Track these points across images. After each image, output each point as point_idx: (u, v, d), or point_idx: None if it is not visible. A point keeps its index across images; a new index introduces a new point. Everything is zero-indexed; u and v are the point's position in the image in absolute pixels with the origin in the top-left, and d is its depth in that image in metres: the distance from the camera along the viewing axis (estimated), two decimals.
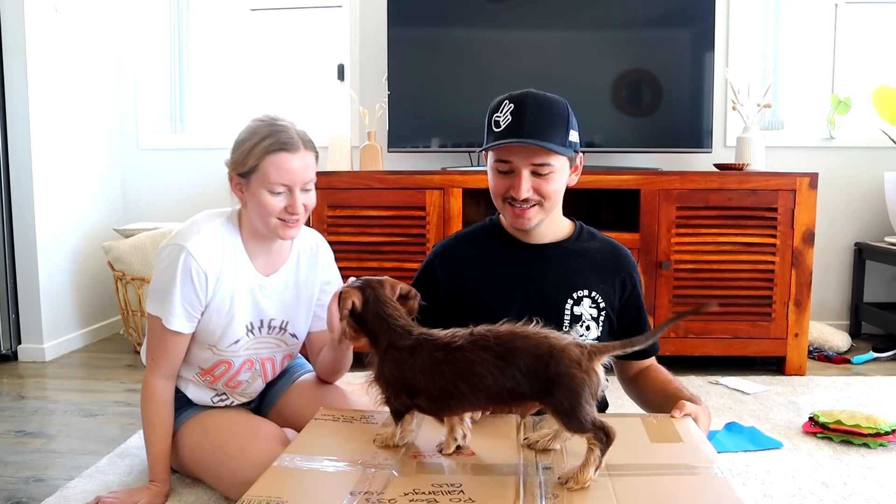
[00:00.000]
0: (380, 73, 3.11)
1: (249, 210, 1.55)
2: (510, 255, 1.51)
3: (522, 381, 1.07)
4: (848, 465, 1.78)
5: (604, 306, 1.50)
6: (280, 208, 1.50)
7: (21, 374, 2.68)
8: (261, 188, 1.49)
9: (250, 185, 1.51)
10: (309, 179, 1.53)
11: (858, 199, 3.25)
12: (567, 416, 1.05)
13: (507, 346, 1.08)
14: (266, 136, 1.49)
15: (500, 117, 1.42)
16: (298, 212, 1.52)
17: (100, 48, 3.26)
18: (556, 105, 1.42)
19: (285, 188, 1.49)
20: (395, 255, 2.67)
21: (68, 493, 1.63)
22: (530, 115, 1.39)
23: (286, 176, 1.48)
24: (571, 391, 1.04)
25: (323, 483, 1.07)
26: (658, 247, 2.62)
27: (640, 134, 2.97)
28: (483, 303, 1.35)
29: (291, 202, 1.50)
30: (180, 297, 1.50)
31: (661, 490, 1.02)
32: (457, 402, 1.12)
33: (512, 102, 1.41)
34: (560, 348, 1.06)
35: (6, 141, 2.78)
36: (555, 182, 1.43)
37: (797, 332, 2.62)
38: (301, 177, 1.50)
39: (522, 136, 1.38)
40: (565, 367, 1.05)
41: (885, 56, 3.28)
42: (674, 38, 2.92)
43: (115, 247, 2.95)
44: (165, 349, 1.55)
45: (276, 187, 1.48)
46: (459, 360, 1.09)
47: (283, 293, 1.65)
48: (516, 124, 1.39)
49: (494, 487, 1.04)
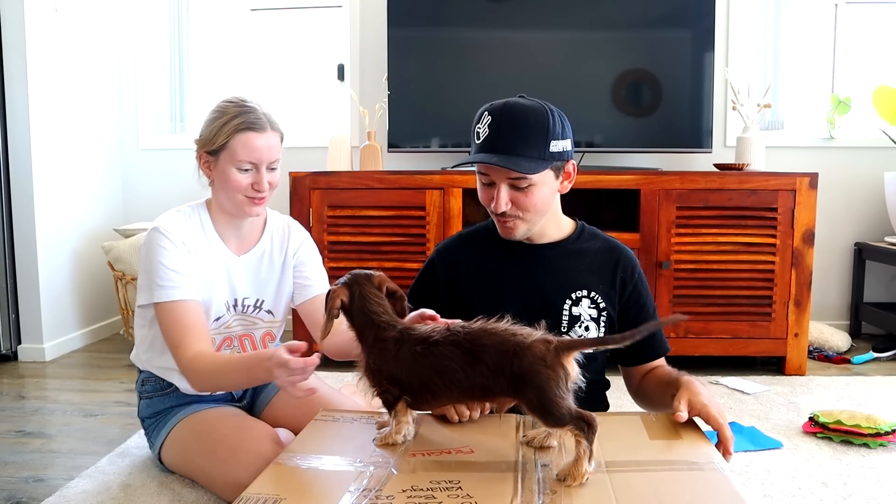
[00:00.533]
0: (380, 73, 3.11)
1: (216, 187, 1.62)
2: (509, 255, 1.51)
3: (491, 377, 1.08)
4: (848, 465, 1.78)
5: (604, 307, 1.49)
6: (247, 184, 1.58)
7: (21, 374, 2.69)
8: (229, 165, 1.57)
9: (218, 162, 1.58)
10: (275, 158, 1.61)
11: (858, 199, 3.25)
12: (540, 411, 1.06)
13: (476, 343, 1.10)
14: (235, 116, 1.56)
15: (480, 129, 1.41)
16: (264, 189, 1.59)
17: (100, 48, 3.26)
18: (536, 116, 1.38)
19: (252, 166, 1.57)
20: (395, 255, 2.67)
21: (68, 493, 1.63)
22: (505, 129, 1.37)
23: (253, 154, 1.56)
24: (537, 388, 1.05)
25: (321, 481, 1.07)
26: (658, 247, 2.62)
27: (640, 134, 2.97)
28: (482, 303, 1.34)
29: (258, 179, 1.58)
30: (167, 267, 1.54)
31: (660, 486, 1.02)
32: (433, 396, 1.14)
33: (490, 115, 1.40)
34: (525, 345, 1.07)
35: (6, 141, 2.78)
36: (535, 196, 1.41)
37: (797, 332, 2.62)
38: (267, 155, 1.58)
39: (495, 152, 1.37)
40: (529, 364, 1.06)
41: (885, 56, 3.28)
42: (674, 38, 2.92)
43: (115, 247, 2.95)
44: (178, 326, 1.52)
45: (243, 164, 1.56)
46: (434, 355, 1.12)
47: (257, 272, 1.70)
48: (492, 139, 1.38)
49: (492, 484, 1.04)
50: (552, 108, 1.41)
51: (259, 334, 1.74)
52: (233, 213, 1.64)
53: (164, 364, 1.66)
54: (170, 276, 1.54)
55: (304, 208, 2.69)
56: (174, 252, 1.56)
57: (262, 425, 1.62)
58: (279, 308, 1.76)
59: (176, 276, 1.55)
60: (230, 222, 1.67)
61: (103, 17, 3.27)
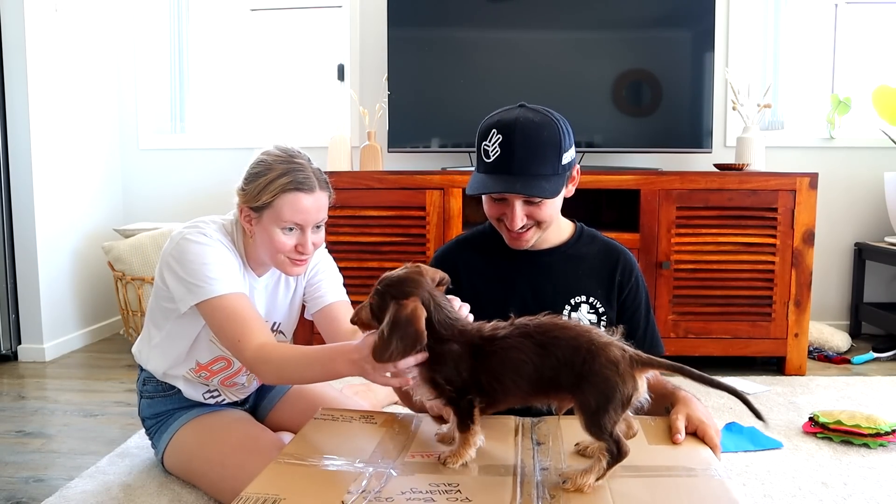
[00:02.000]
0: (380, 73, 3.11)
1: (257, 243, 1.53)
2: (508, 260, 1.50)
3: (561, 370, 1.04)
4: (848, 465, 1.78)
5: (603, 311, 1.49)
6: (290, 247, 1.48)
7: (21, 374, 2.69)
8: (273, 225, 1.47)
9: (262, 219, 1.48)
10: (322, 219, 1.52)
11: (858, 199, 3.24)
12: (591, 416, 1.02)
13: (548, 335, 1.06)
14: (283, 174, 1.45)
15: (489, 147, 1.37)
16: (308, 252, 1.50)
17: (100, 48, 3.26)
18: (548, 131, 1.36)
19: (297, 227, 1.48)
20: (395, 255, 2.67)
21: (68, 493, 1.63)
22: (519, 149, 1.34)
23: (300, 216, 1.46)
24: (600, 393, 1.01)
25: (321, 481, 1.07)
26: (658, 247, 2.62)
27: (639, 134, 2.97)
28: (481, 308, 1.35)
29: (302, 241, 1.49)
30: (212, 263, 1.46)
31: (659, 492, 1.02)
32: (501, 394, 1.09)
33: (500, 133, 1.36)
34: (599, 345, 1.03)
35: (6, 141, 2.78)
36: (548, 208, 1.40)
37: (797, 332, 2.62)
38: (314, 217, 1.49)
39: (510, 173, 1.35)
40: (600, 366, 1.02)
41: (885, 56, 3.28)
42: (674, 38, 2.92)
43: (115, 247, 2.95)
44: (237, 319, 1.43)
45: (288, 225, 1.47)
46: (502, 348, 1.07)
47: (274, 295, 1.66)
48: (505, 159, 1.35)
49: (491, 487, 1.04)
50: (558, 118, 1.39)
51: None
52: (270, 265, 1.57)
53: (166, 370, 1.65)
54: (215, 270, 1.46)
55: None
56: (215, 248, 1.49)
57: (270, 434, 1.60)
58: (290, 328, 1.74)
59: (221, 271, 1.47)
60: (258, 256, 1.57)
61: (103, 17, 3.27)
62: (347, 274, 2.79)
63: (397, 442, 1.23)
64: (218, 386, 1.67)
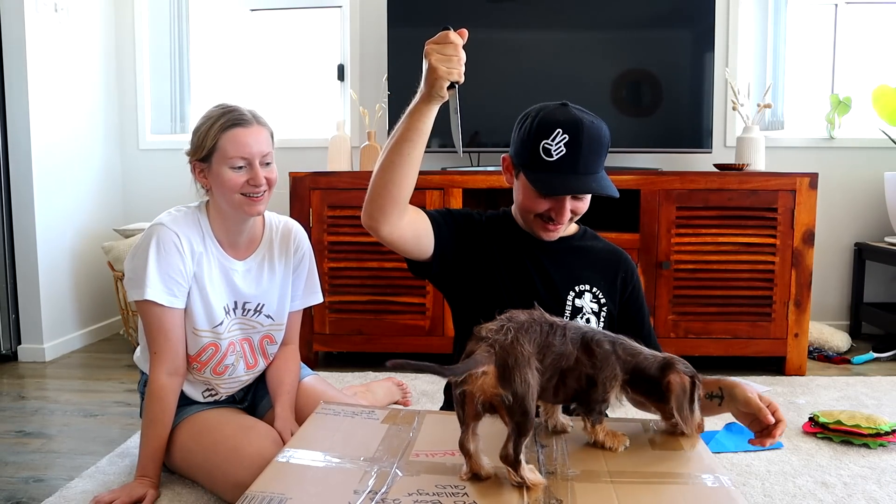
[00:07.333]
0: (380, 73, 3.11)
1: (214, 193, 1.61)
2: (522, 245, 1.54)
3: None
4: (848, 465, 1.78)
5: (604, 302, 1.54)
6: (242, 182, 1.56)
7: (21, 374, 2.68)
8: (222, 166, 1.55)
9: (211, 167, 1.57)
10: (267, 152, 1.59)
11: (858, 199, 3.25)
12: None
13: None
14: (219, 117, 1.56)
15: (552, 146, 1.40)
16: (261, 184, 1.57)
17: (100, 48, 3.26)
18: (606, 135, 1.45)
19: (245, 162, 1.56)
20: (395, 255, 2.65)
21: (68, 494, 1.63)
22: (585, 150, 1.40)
23: (244, 149, 1.55)
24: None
25: (327, 480, 1.07)
26: (658, 247, 2.62)
27: (640, 134, 2.97)
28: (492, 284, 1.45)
29: (253, 175, 1.56)
30: (156, 267, 1.54)
31: (664, 499, 1.02)
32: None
33: (566, 133, 1.39)
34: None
35: (6, 141, 2.78)
36: (587, 201, 1.49)
37: (797, 332, 2.62)
38: (258, 149, 1.56)
39: (577, 172, 1.41)
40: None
41: (885, 56, 3.28)
42: (674, 38, 2.92)
43: (115, 247, 2.95)
44: (161, 332, 1.56)
45: (235, 161, 1.55)
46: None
47: (257, 276, 1.69)
48: (571, 160, 1.40)
49: (498, 490, 1.03)
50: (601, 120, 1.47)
51: (257, 338, 1.73)
52: (233, 217, 1.62)
53: None
54: (161, 276, 1.54)
55: (304, 208, 2.68)
56: (173, 255, 1.55)
57: (264, 426, 1.62)
58: (281, 312, 1.76)
59: (161, 281, 1.54)
60: (229, 227, 1.65)
61: (103, 17, 3.27)
62: (347, 274, 2.81)
63: (401, 439, 1.22)
64: (212, 376, 1.68)
